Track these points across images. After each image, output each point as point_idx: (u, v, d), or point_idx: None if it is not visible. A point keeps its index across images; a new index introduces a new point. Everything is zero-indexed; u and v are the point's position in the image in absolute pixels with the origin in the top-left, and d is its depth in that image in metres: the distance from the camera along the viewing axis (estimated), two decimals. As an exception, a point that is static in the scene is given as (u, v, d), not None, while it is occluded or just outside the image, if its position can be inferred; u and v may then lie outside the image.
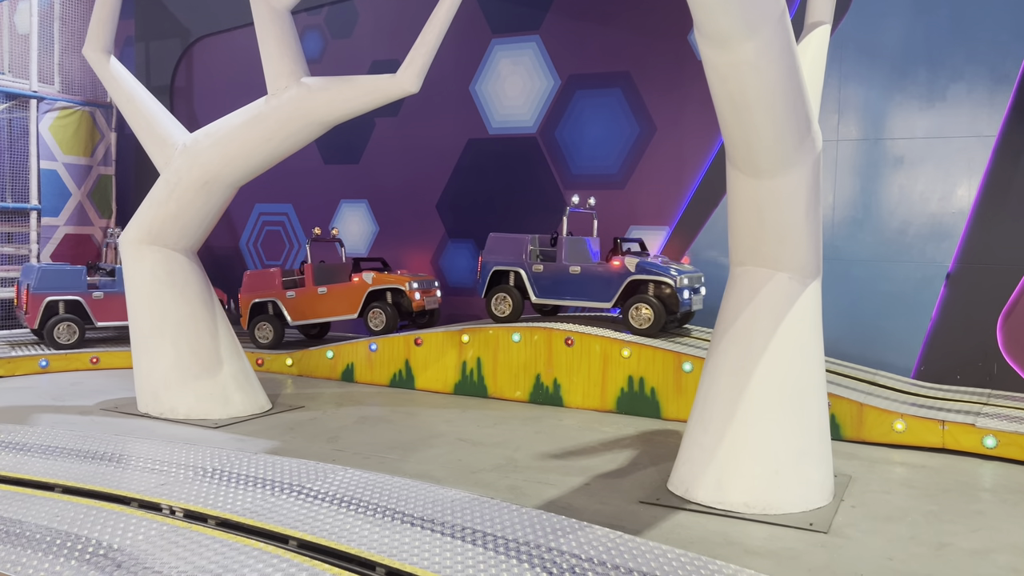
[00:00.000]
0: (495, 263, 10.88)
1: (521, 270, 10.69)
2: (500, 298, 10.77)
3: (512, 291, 10.71)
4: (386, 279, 11.82)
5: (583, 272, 10.35)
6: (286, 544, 4.89)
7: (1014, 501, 6.66)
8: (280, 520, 5.19)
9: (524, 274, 10.66)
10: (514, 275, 10.78)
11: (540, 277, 10.61)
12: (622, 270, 10.09)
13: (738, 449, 6.27)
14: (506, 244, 10.96)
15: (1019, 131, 9.88)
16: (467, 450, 7.99)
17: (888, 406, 8.47)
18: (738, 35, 5.19)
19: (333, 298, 12.03)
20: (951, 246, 10.22)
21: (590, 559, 4.61)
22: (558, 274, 10.52)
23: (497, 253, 10.94)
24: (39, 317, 12.07)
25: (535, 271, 10.62)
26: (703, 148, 11.64)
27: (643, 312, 9.83)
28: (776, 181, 6.04)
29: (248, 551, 4.66)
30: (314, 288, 12.20)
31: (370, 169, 14.23)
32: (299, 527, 5.07)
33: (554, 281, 10.58)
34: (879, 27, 10.57)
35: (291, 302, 12.21)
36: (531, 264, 10.66)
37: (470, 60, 13.20)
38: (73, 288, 12.38)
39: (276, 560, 4.54)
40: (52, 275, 12.32)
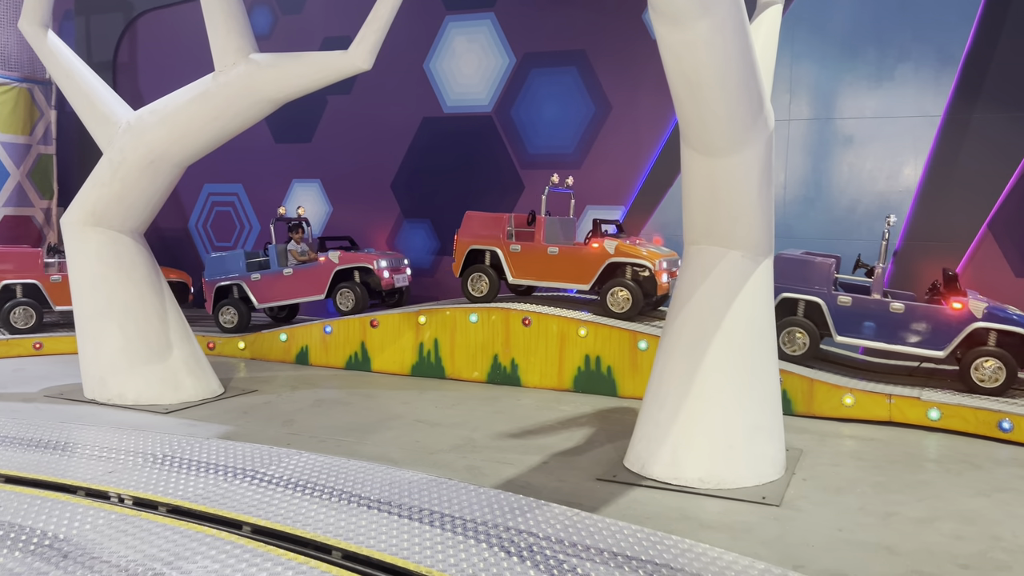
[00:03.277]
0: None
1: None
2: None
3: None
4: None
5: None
6: (240, 530, 4.81)
7: (957, 471, 6.87)
8: (233, 506, 5.11)
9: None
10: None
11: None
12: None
13: (692, 425, 6.35)
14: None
15: (963, 111, 10.10)
16: (425, 431, 7.95)
17: (837, 381, 8.66)
18: (692, 13, 5.18)
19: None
20: (898, 224, 10.44)
21: (547, 537, 4.63)
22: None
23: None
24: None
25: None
26: (658, 128, 11.68)
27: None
28: (729, 160, 6.08)
29: (200, 538, 4.57)
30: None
31: (323, 148, 13.98)
32: (253, 512, 4.99)
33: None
34: (829, 7, 10.68)
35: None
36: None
37: (424, 37, 13.02)
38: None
39: (229, 546, 4.46)
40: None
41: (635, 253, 9.90)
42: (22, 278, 11.97)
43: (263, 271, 11.84)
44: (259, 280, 11.79)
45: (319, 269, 11.54)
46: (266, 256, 12.08)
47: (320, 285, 11.54)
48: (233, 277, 11.94)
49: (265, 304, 11.92)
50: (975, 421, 7.88)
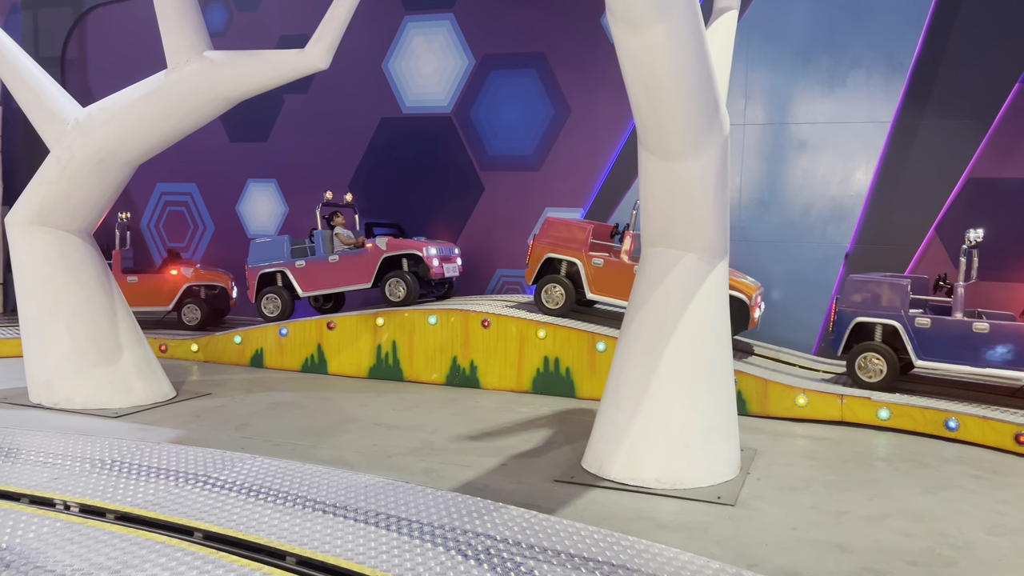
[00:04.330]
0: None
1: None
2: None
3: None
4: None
5: None
6: (191, 536, 4.71)
7: (906, 469, 7.03)
8: (184, 512, 5.00)
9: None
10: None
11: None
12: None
13: (649, 426, 6.39)
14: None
15: (912, 117, 10.36)
16: (382, 434, 7.88)
17: (791, 382, 8.80)
18: (649, 17, 5.22)
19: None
20: (850, 227, 10.67)
21: (505, 540, 4.61)
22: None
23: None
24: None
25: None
26: (616, 131, 11.76)
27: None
28: (686, 163, 6.14)
29: (150, 545, 4.46)
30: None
31: (279, 147, 13.80)
32: (205, 518, 4.89)
33: None
34: (784, 14, 10.87)
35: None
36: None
37: (382, 37, 12.93)
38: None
39: (180, 553, 4.36)
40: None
41: (734, 284, 9.27)
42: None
43: (308, 258, 11.26)
44: (303, 267, 11.19)
45: (365, 256, 10.93)
46: (312, 243, 11.51)
47: (367, 273, 10.92)
48: (277, 264, 11.35)
49: (309, 292, 11.30)
50: (923, 420, 8.07)
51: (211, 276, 12.47)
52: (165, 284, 12.44)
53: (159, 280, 12.46)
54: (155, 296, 12.39)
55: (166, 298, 12.39)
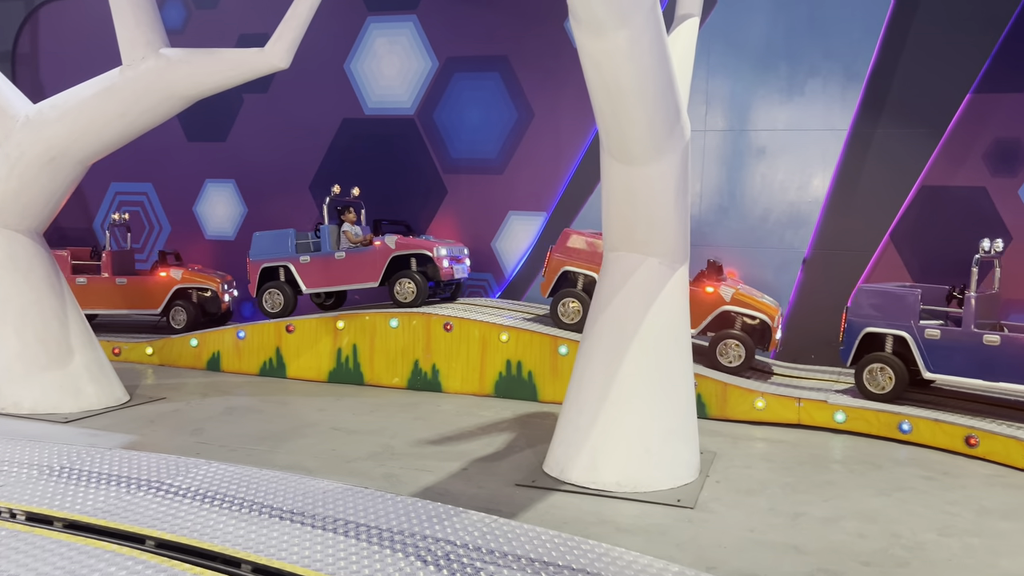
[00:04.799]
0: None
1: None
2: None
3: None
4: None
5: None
6: (142, 544, 4.59)
7: (861, 471, 7.15)
8: (136, 519, 4.87)
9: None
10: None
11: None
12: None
13: (611, 429, 6.41)
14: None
15: (867, 125, 10.57)
16: (341, 439, 7.79)
17: (750, 385, 8.90)
18: (612, 23, 5.24)
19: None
20: (807, 233, 10.84)
21: (465, 545, 4.58)
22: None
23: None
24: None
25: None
26: (579, 135, 11.80)
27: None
28: (647, 168, 6.18)
29: (99, 554, 4.34)
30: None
31: (238, 147, 13.59)
32: (157, 526, 4.77)
33: None
34: (744, 23, 11.01)
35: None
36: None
37: (344, 37, 12.81)
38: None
39: (131, 562, 4.25)
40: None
41: (752, 303, 9.30)
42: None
43: (313, 253, 10.89)
44: (308, 263, 10.79)
45: (373, 254, 10.58)
46: (317, 237, 11.16)
47: (374, 272, 10.56)
48: (280, 258, 10.92)
49: (313, 289, 10.90)
50: (877, 423, 8.22)
51: (201, 278, 11.92)
52: (154, 286, 11.93)
53: (149, 282, 11.94)
54: (145, 299, 11.92)
55: (156, 301, 11.92)
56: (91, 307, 11.79)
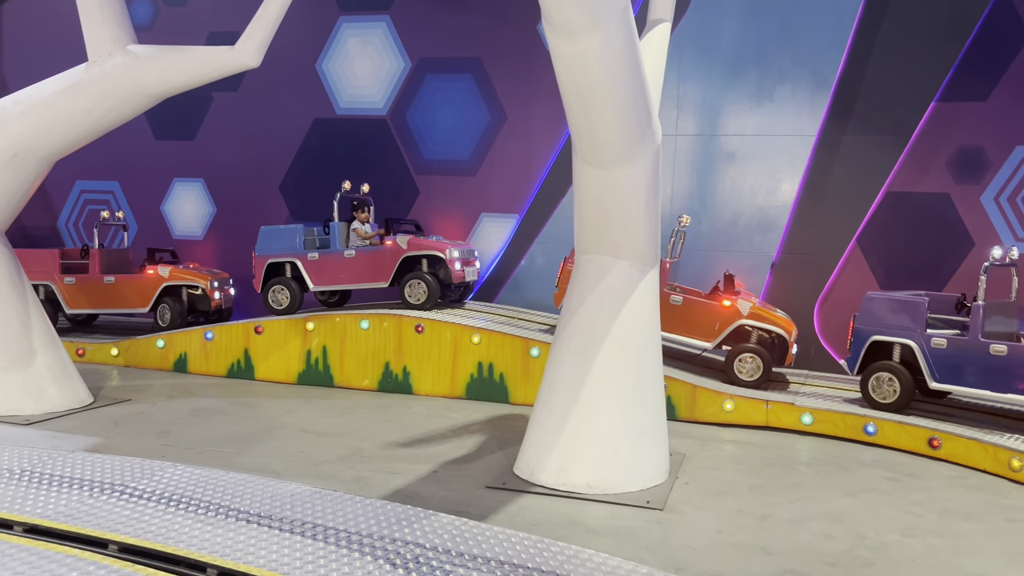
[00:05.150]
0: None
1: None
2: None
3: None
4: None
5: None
6: (105, 549, 4.52)
7: (827, 472, 7.24)
8: (99, 523, 4.79)
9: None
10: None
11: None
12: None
13: (581, 431, 6.42)
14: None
15: (835, 131, 10.72)
16: (310, 442, 7.72)
17: (719, 387, 8.98)
18: (584, 26, 5.26)
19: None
20: (776, 237, 10.97)
21: (434, 548, 4.56)
22: None
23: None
24: None
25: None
26: (552, 138, 11.83)
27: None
28: (619, 172, 6.21)
29: (60, 559, 4.25)
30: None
31: (207, 146, 13.43)
32: (120, 530, 4.69)
33: None
34: (716, 28, 11.12)
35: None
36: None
37: (316, 36, 12.72)
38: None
39: (93, 567, 4.17)
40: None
41: (770, 318, 9.25)
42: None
43: (322, 250, 10.68)
44: (316, 260, 10.57)
45: (384, 254, 10.41)
46: (326, 234, 10.94)
47: (384, 272, 10.38)
48: (287, 254, 10.69)
49: (321, 287, 10.70)
50: (843, 425, 8.33)
51: (189, 275, 11.56)
52: (142, 285, 11.60)
53: (136, 281, 11.61)
54: (133, 297, 11.62)
55: (144, 299, 11.60)
56: (80, 307, 11.61)
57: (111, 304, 11.60)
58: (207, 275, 11.68)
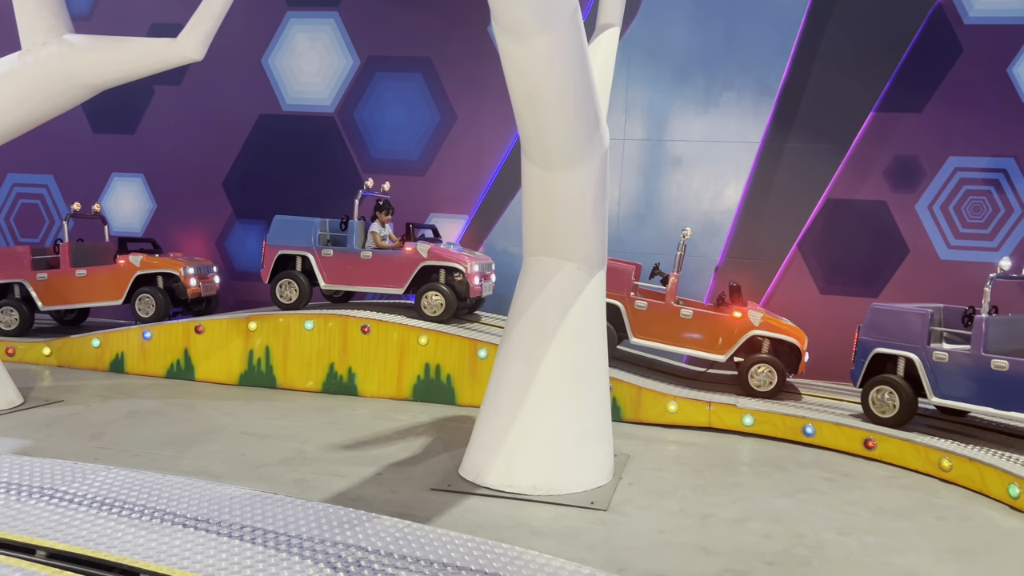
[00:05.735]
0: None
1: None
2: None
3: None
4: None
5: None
6: (33, 555, 4.34)
7: (767, 473, 7.38)
8: (26, 528, 4.60)
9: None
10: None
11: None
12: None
13: (527, 433, 6.43)
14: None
15: (778, 139, 10.96)
16: (251, 444, 7.57)
17: (663, 389, 9.09)
18: (533, 28, 5.27)
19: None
20: (720, 241, 11.16)
21: (376, 551, 4.50)
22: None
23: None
24: None
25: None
26: (502, 139, 11.84)
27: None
28: (567, 175, 6.23)
29: (-17, 567, 4.08)
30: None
31: (147, 140, 13.08)
32: (49, 535, 4.52)
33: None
34: (663, 35, 11.27)
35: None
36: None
37: (263, 31, 12.51)
38: None
39: (19, 574, 4.02)
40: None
41: (782, 327, 9.16)
42: None
43: (337, 248, 10.31)
44: (331, 257, 10.24)
45: (402, 260, 10.07)
46: (342, 230, 10.55)
47: (400, 278, 10.06)
48: (301, 247, 10.32)
49: (333, 286, 10.33)
50: (783, 426, 8.51)
51: (163, 263, 11.01)
52: (114, 275, 11.05)
53: (108, 272, 11.06)
54: (106, 290, 11.07)
55: (118, 291, 11.05)
56: (54, 303, 11.13)
57: (85, 298, 11.08)
58: (182, 262, 11.15)
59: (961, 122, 10.49)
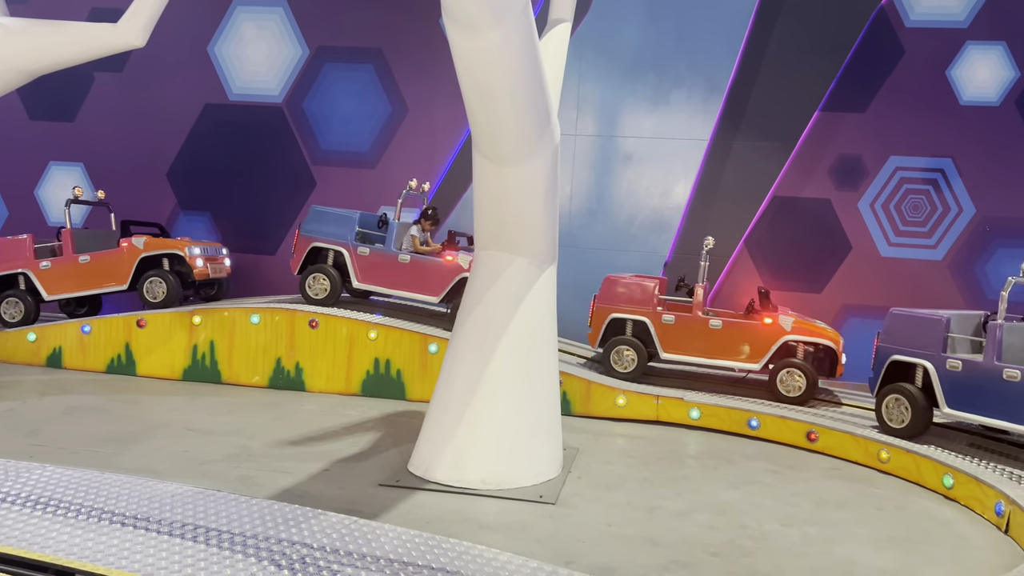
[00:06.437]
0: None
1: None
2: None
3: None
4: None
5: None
6: (-40, 558, 4.18)
7: (713, 465, 7.50)
8: (-47, 530, 4.43)
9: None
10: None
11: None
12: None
13: (476, 427, 6.42)
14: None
15: (726, 137, 11.13)
16: (195, 440, 7.41)
17: (612, 383, 9.16)
18: (484, 22, 5.24)
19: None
20: (669, 237, 11.30)
21: (322, 547, 4.44)
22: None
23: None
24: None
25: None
26: (454, 132, 11.79)
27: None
28: (518, 169, 6.23)
29: (-94, 570, 3.91)
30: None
31: (87, 128, 12.69)
32: (-22, 537, 4.35)
33: None
34: (615, 32, 11.34)
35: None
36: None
37: (209, 19, 12.23)
38: None
39: (-55, 578, 3.86)
40: None
41: (815, 330, 9.03)
42: None
43: (374, 247, 9.96)
44: (367, 256, 9.91)
45: (442, 268, 9.77)
46: (379, 229, 10.15)
47: (438, 286, 9.78)
48: (336, 241, 9.97)
49: (366, 286, 9.97)
50: (729, 420, 8.66)
51: (167, 244, 10.52)
52: (118, 260, 10.52)
53: (112, 256, 10.53)
54: (110, 275, 10.52)
55: (122, 275, 10.51)
56: (59, 292, 10.59)
57: (89, 285, 10.56)
58: (188, 242, 10.70)
59: (902, 122, 10.79)
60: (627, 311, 9.49)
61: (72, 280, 10.65)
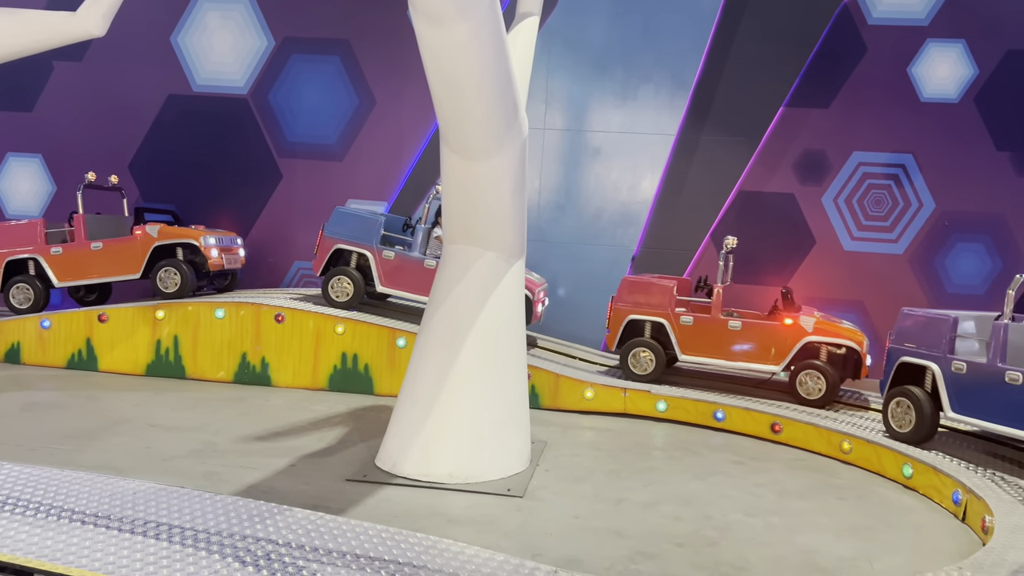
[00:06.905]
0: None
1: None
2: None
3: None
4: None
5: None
6: (-87, 559, 4.08)
7: (679, 457, 7.58)
8: (-94, 531, 4.32)
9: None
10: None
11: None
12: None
13: (444, 421, 6.41)
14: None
15: (693, 132, 11.22)
16: (158, 436, 7.30)
17: (580, 376, 9.21)
18: (451, 15, 5.22)
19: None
20: (636, 231, 11.36)
21: (288, 543, 4.42)
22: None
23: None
24: None
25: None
26: (422, 125, 11.73)
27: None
28: (486, 163, 6.21)
29: None
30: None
31: (46, 119, 12.41)
32: (-68, 537, 4.26)
33: None
34: (583, 26, 11.36)
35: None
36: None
37: (172, 8, 12.01)
38: None
39: None
40: None
41: (837, 331, 8.84)
42: None
43: (399, 251, 9.84)
44: (392, 260, 9.77)
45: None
46: (404, 231, 9.94)
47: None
48: (360, 243, 9.81)
49: (389, 290, 9.82)
50: (695, 412, 8.75)
51: (182, 233, 10.21)
52: (131, 247, 10.22)
53: (125, 244, 10.23)
54: (123, 263, 10.23)
55: (135, 264, 10.21)
56: (70, 279, 10.27)
57: (101, 273, 10.26)
58: (203, 231, 10.43)
59: (865, 118, 10.96)
60: (645, 312, 9.35)
61: (84, 267, 10.34)
